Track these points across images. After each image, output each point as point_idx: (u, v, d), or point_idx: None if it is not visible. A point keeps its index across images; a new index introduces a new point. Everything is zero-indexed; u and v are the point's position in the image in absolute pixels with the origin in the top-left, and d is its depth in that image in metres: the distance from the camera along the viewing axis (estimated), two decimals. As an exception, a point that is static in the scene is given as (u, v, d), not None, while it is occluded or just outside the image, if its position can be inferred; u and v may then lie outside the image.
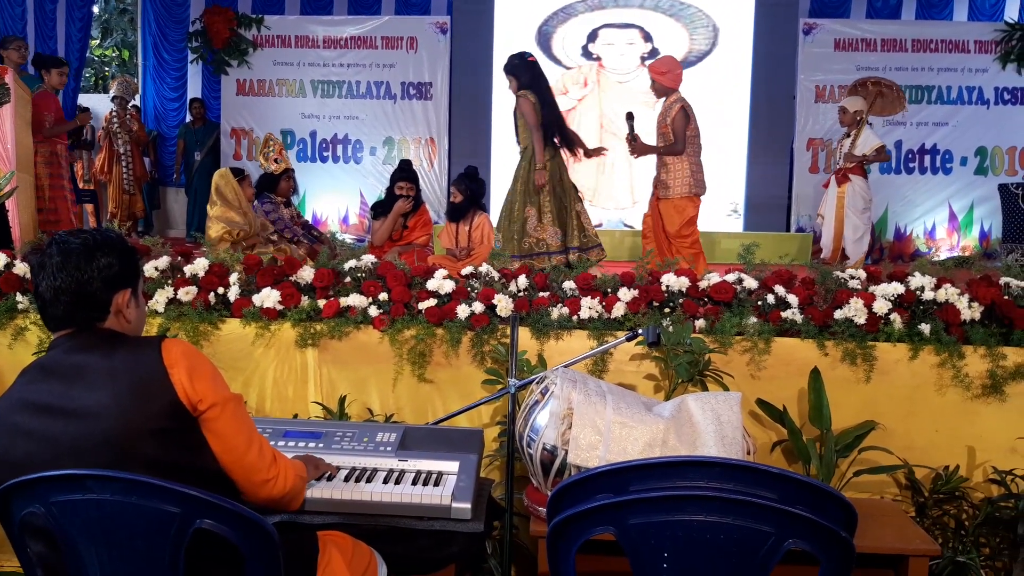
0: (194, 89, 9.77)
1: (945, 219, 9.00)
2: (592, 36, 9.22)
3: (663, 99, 5.22)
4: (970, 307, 2.89)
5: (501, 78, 9.09)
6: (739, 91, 9.04)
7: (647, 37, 9.14)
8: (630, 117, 5.19)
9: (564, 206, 5.09)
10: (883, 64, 8.55)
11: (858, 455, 2.77)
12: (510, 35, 9.19)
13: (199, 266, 3.13)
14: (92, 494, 1.39)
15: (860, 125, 6.25)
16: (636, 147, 5.20)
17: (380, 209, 6.31)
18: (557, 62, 9.28)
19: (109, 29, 14.57)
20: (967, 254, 8.52)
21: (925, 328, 2.85)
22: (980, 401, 2.84)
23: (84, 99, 9.71)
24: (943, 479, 2.78)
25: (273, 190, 5.87)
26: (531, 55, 5.39)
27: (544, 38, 9.26)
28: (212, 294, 3.07)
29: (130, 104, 9.05)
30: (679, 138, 5.05)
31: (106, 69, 14.84)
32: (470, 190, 5.96)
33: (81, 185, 8.11)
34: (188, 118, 9.55)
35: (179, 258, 3.21)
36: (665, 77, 5.15)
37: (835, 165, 6.68)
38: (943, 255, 8.69)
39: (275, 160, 5.86)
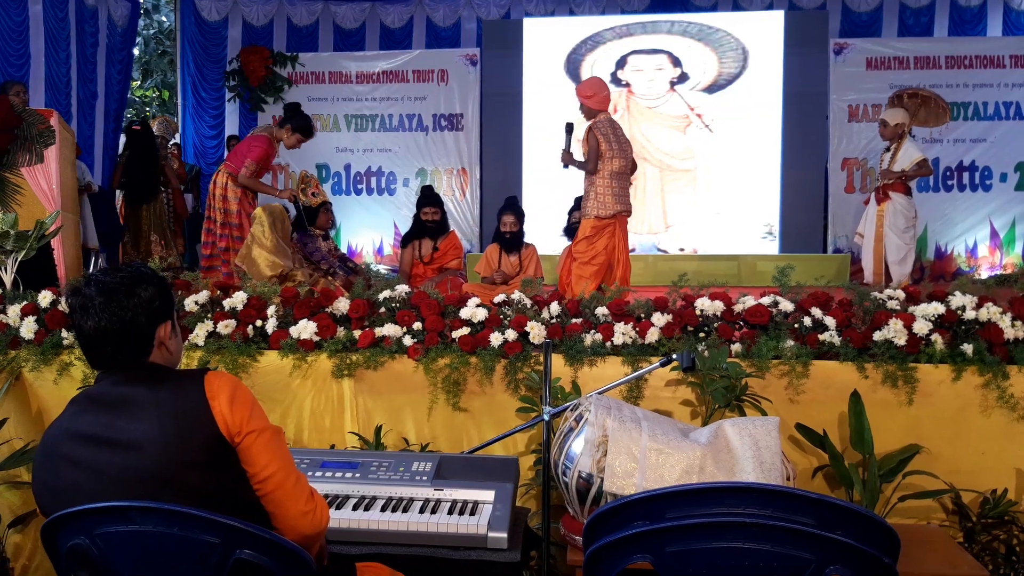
0: (231, 126, 9.99)
1: (986, 237, 8.82)
2: (621, 63, 9.26)
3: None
4: (1013, 326, 2.83)
5: (531, 107, 9.29)
6: (771, 112, 9.00)
7: (676, 62, 9.16)
8: (569, 129, 5.17)
9: None
10: (916, 81, 8.44)
11: (902, 480, 2.71)
12: (539, 64, 9.28)
13: (238, 299, 3.18)
14: (135, 525, 1.42)
15: (902, 139, 6.03)
16: (564, 157, 5.18)
17: (407, 239, 6.50)
18: (587, 89, 9.31)
19: (149, 70, 14.98)
20: (1010, 272, 8.32)
21: (967, 348, 2.79)
22: (1027, 422, 2.77)
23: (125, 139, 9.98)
24: (991, 503, 2.70)
25: (312, 223, 6.01)
26: (137, 124, 7.30)
27: (573, 66, 9.32)
28: (250, 327, 3.12)
29: (171, 143, 9.28)
30: (589, 158, 5.08)
31: (147, 109, 15.23)
32: (522, 218, 6.17)
33: (123, 222, 8.30)
34: (226, 154, 9.76)
35: (218, 292, 3.28)
36: (591, 100, 5.16)
37: (871, 184, 6.51)
38: (985, 273, 8.51)
39: (312, 194, 6.00)
